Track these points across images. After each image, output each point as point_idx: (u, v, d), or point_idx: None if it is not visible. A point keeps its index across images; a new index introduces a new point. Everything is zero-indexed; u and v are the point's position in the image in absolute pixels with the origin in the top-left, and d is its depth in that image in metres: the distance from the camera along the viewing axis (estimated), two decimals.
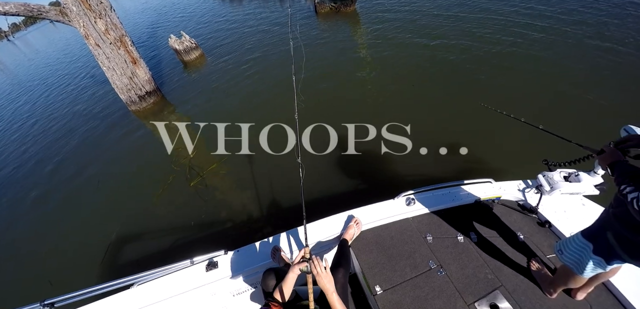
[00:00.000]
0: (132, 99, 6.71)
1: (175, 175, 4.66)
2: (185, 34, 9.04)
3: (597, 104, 4.11)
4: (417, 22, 7.88)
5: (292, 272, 1.50)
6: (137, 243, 3.89)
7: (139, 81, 6.62)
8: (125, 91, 6.58)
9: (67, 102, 9.24)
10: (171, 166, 4.85)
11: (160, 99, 7.20)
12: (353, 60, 6.84)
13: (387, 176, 3.79)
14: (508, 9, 7.36)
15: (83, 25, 5.77)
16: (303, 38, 8.56)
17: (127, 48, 6.33)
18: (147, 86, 6.78)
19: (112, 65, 6.23)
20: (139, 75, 6.58)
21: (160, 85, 7.91)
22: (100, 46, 5.99)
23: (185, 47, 8.89)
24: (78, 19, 5.71)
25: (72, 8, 5.62)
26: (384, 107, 5.01)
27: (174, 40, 8.95)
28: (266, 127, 4.86)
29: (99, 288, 1.73)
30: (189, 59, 8.99)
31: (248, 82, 6.96)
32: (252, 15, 12.39)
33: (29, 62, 20.97)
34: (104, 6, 5.91)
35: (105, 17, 5.91)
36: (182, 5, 20.73)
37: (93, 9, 5.72)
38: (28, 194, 5.35)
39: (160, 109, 6.92)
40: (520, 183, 2.31)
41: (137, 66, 6.52)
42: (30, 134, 7.80)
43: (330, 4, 10.02)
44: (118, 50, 6.15)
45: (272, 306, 1.44)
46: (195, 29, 12.99)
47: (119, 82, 6.46)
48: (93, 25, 5.80)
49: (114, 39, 6.07)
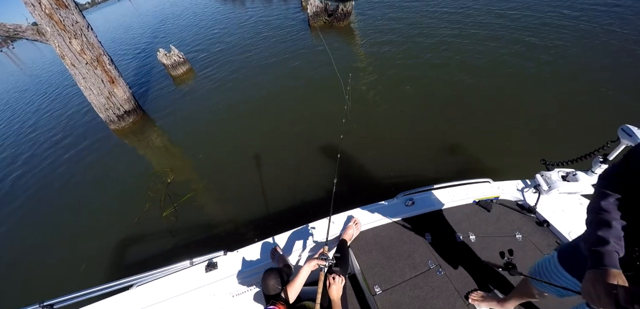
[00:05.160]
0: (111, 118, 6.57)
1: (151, 203, 4.49)
2: (174, 48, 8.84)
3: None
4: (415, 23, 7.83)
5: (308, 266, 1.50)
6: (137, 245, 3.89)
7: (117, 100, 6.47)
8: (103, 110, 6.45)
9: (50, 116, 9.17)
10: (147, 191, 4.69)
11: (141, 117, 7.02)
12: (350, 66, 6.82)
13: (386, 177, 3.79)
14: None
15: (58, 45, 5.66)
16: (295, 48, 8.43)
17: (105, 68, 6.19)
18: (126, 105, 6.62)
19: (89, 85, 6.10)
20: (116, 94, 6.43)
21: (144, 102, 7.77)
22: (76, 66, 5.86)
23: (173, 61, 8.67)
24: (53, 39, 5.61)
25: (47, 28, 5.52)
26: (380, 109, 5.04)
27: (162, 54, 8.71)
28: (261, 136, 5.15)
29: (99, 289, 1.71)
30: (177, 74, 8.72)
31: (234, 97, 6.86)
32: (252, 32, 12.12)
33: (9, 75, 21.13)
34: (80, 26, 5.77)
35: (81, 37, 5.77)
36: (187, 14, 20.84)
37: (68, 29, 5.58)
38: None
39: (141, 128, 6.76)
40: (518, 183, 2.30)
41: (115, 86, 6.38)
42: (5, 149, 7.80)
43: (324, 17, 9.74)
44: (94, 71, 6.02)
45: (277, 305, 1.43)
46: (192, 40, 12.94)
47: (96, 101, 6.33)
48: (68, 46, 5.67)
49: (90, 59, 5.93)
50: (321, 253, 1.56)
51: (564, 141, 3.67)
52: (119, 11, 50.27)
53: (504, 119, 4.23)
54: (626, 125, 1.58)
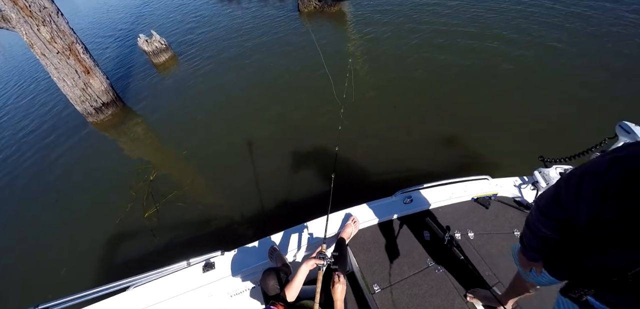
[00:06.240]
0: (88, 110, 6.18)
1: (133, 203, 4.33)
2: (155, 34, 8.34)
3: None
4: (411, 15, 7.73)
5: (306, 265, 1.48)
6: (132, 245, 3.76)
7: (94, 91, 6.08)
8: (80, 102, 6.04)
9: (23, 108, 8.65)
10: (129, 189, 4.50)
11: (121, 109, 6.63)
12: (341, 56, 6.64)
13: (385, 174, 3.76)
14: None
15: (25, 33, 5.22)
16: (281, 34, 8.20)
17: (78, 57, 5.76)
18: (103, 97, 6.23)
19: (62, 76, 5.68)
20: (93, 86, 6.02)
21: (125, 92, 7.36)
22: (46, 56, 5.42)
23: (154, 48, 8.20)
24: (19, 26, 5.17)
25: (12, 15, 5.06)
26: (379, 105, 4.96)
27: (143, 40, 8.13)
28: (249, 129, 4.98)
29: (95, 292, 1.66)
30: (159, 62, 8.24)
31: (221, 86, 6.61)
32: (239, 16, 11.55)
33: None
34: (49, 11, 5.30)
35: (50, 24, 5.32)
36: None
37: (35, 16, 5.12)
38: None
39: (121, 121, 6.41)
40: (516, 180, 2.31)
41: (90, 76, 5.97)
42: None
43: (315, 2, 9.37)
44: (67, 60, 5.59)
45: (277, 306, 1.41)
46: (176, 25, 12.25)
47: (71, 93, 5.93)
48: (36, 34, 5.23)
49: (61, 47, 5.50)
50: (319, 252, 1.54)
51: (562, 137, 3.70)
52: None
53: (502, 116, 4.24)
54: (624, 121, 1.57)
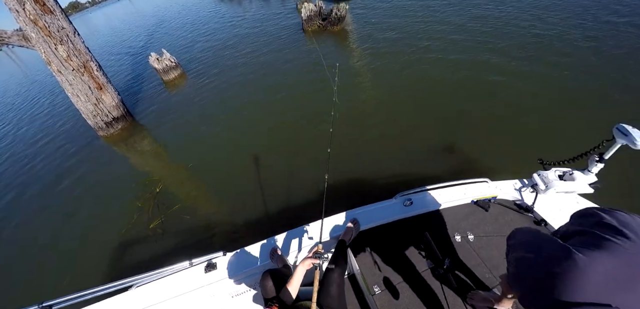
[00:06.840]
0: (99, 125, 6.44)
1: (138, 214, 4.41)
2: (165, 52, 8.71)
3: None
4: (411, 26, 7.91)
5: (302, 265, 1.49)
6: (136, 253, 3.82)
7: (105, 107, 6.34)
8: (91, 116, 6.32)
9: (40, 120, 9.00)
10: (135, 201, 4.59)
11: (130, 124, 6.90)
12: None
13: (385, 177, 3.78)
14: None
15: (44, 51, 5.52)
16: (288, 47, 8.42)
17: (92, 74, 6.06)
18: (114, 112, 6.50)
19: (76, 92, 5.98)
20: (104, 101, 6.30)
21: (134, 108, 7.63)
22: (62, 73, 5.73)
23: (164, 66, 8.54)
24: (38, 45, 5.47)
25: (32, 34, 5.37)
26: (377, 111, 5.04)
27: (154, 58, 8.58)
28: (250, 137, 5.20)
29: (98, 290, 1.68)
30: (168, 79, 8.56)
31: (226, 101, 6.81)
32: (247, 34, 11.98)
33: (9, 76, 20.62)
34: (66, 32, 5.64)
35: (67, 43, 5.64)
36: (187, 16, 20.55)
37: (53, 36, 5.45)
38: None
39: (130, 135, 6.62)
40: (516, 182, 2.30)
41: (102, 92, 6.25)
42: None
43: (319, 21, 9.70)
44: (81, 77, 5.89)
45: (272, 308, 1.42)
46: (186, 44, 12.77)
47: (84, 108, 6.21)
48: (54, 52, 5.54)
49: (77, 65, 5.80)
50: (315, 252, 1.55)
51: (561, 140, 3.71)
52: (121, 12, 49.77)
53: (502, 119, 4.27)
54: (621, 124, 1.58)
